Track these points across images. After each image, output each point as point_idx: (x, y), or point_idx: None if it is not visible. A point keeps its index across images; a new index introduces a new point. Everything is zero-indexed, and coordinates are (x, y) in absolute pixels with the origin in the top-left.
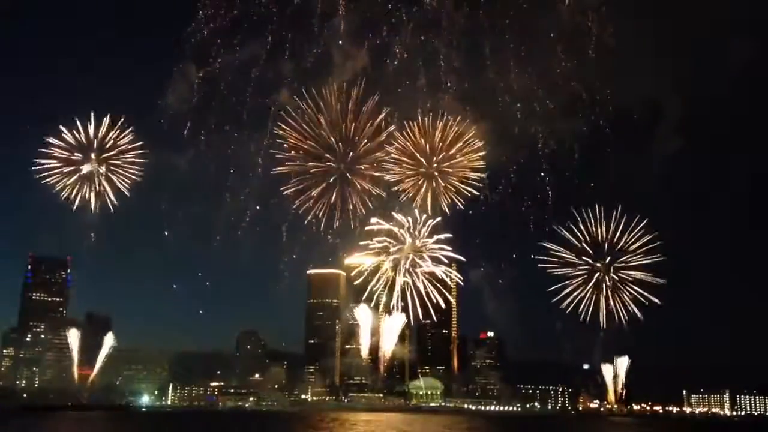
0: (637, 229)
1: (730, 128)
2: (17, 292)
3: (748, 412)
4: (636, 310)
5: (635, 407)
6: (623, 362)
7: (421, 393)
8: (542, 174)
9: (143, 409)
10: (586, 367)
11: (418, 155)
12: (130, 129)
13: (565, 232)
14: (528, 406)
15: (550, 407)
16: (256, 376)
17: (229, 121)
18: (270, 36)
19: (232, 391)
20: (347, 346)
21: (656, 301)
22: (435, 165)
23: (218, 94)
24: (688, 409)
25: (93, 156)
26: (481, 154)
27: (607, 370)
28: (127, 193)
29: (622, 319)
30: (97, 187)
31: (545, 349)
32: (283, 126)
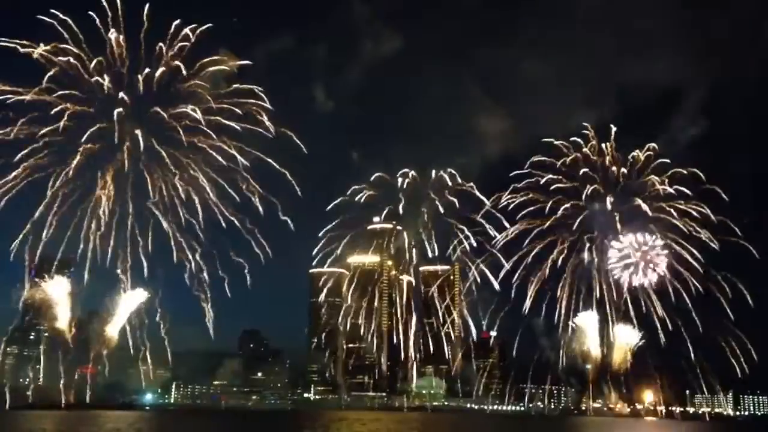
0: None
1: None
2: (21, 290)
3: (752, 412)
4: None
5: (638, 406)
6: (626, 362)
7: (423, 392)
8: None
9: (147, 408)
10: (588, 366)
11: None
12: None
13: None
14: (531, 405)
15: (553, 406)
16: (259, 374)
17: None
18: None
19: (234, 389)
20: (350, 345)
21: None
22: None
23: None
24: (691, 409)
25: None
26: None
27: (609, 369)
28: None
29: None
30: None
31: (548, 348)
32: None
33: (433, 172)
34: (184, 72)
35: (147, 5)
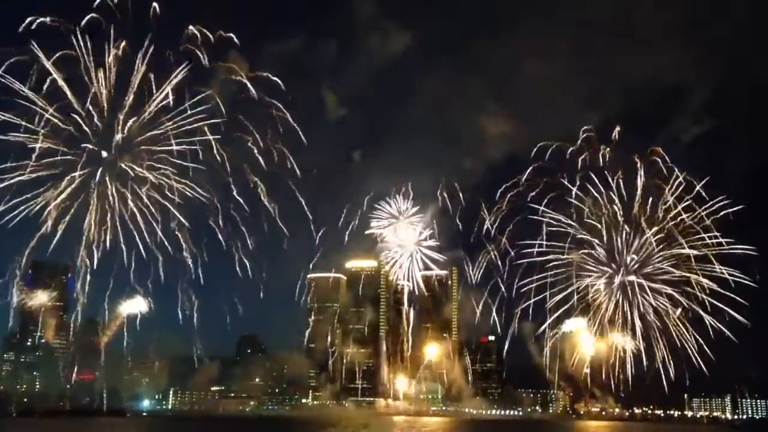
0: None
1: None
2: (18, 297)
3: (750, 415)
4: None
5: (636, 411)
6: (622, 366)
7: (421, 397)
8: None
9: (144, 414)
10: (587, 371)
11: None
12: None
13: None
14: (529, 410)
15: (551, 411)
16: (257, 380)
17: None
18: None
19: (232, 395)
20: (348, 350)
21: None
22: None
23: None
24: (689, 413)
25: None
26: None
27: (608, 374)
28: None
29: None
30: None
31: (544, 353)
32: None
33: (434, 176)
34: (185, 94)
35: (152, 10)
